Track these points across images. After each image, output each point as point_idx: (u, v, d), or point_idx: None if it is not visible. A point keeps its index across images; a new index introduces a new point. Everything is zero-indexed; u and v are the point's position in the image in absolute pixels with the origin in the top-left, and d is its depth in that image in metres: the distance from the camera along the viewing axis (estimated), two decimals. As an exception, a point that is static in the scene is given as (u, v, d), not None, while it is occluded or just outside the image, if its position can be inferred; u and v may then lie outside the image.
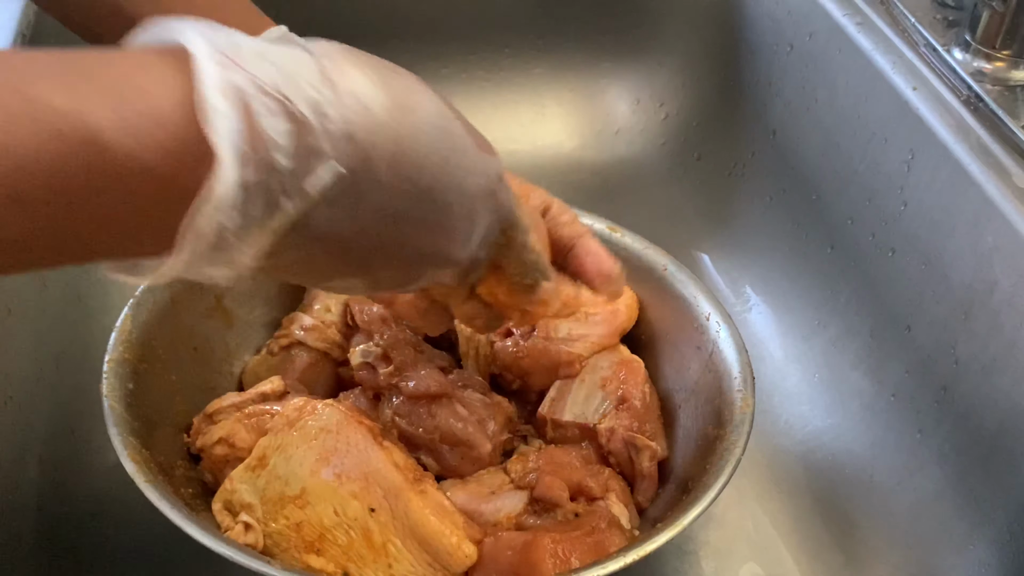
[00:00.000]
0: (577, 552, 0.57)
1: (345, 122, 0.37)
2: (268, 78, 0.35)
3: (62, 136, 0.32)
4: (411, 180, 0.40)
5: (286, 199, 0.36)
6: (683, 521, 0.55)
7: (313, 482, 0.57)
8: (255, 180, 0.35)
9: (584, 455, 0.65)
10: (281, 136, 0.35)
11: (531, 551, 0.57)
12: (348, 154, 0.37)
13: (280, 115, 0.35)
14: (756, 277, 0.86)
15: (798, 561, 0.69)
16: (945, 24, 0.76)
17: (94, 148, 0.32)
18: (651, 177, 0.97)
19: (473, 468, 0.64)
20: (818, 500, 0.73)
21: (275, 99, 0.35)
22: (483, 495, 0.62)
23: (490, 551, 0.58)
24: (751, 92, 0.90)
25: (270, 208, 0.36)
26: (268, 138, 0.35)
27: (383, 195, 0.39)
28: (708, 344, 0.67)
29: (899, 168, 0.71)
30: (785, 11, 0.85)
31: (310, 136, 0.36)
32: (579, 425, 0.66)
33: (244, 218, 0.35)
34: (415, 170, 0.40)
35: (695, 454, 0.64)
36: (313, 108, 0.36)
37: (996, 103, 0.68)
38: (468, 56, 0.98)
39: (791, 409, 0.78)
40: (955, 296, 0.65)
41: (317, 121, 0.36)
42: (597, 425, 0.65)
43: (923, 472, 0.67)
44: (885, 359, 0.72)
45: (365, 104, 0.38)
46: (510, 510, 0.61)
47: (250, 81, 0.35)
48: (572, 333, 0.70)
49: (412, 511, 0.57)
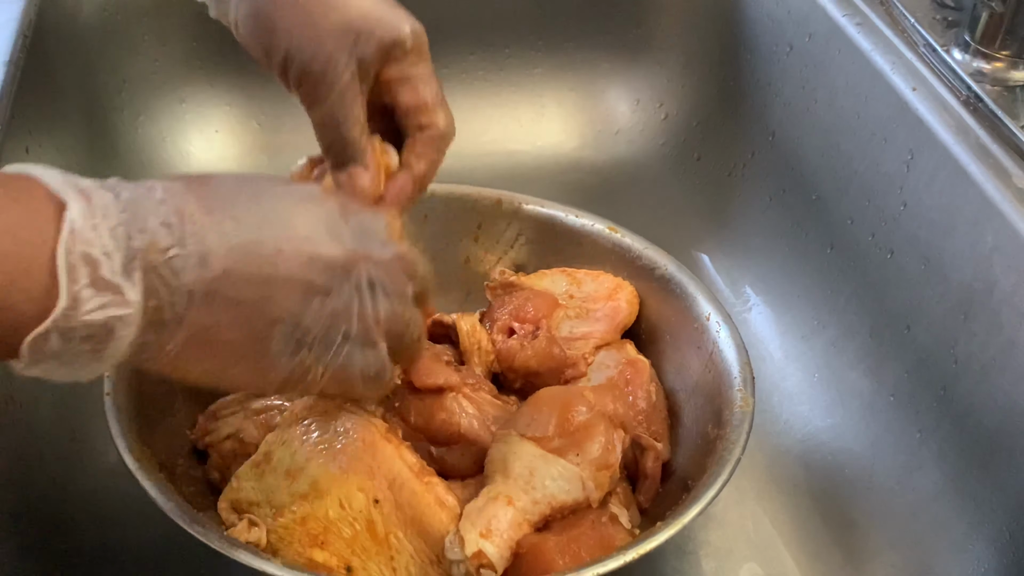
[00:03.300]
0: (584, 548, 0.58)
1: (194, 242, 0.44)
2: (113, 218, 0.42)
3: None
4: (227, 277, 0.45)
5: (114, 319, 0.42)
6: (683, 520, 0.56)
7: (320, 475, 0.58)
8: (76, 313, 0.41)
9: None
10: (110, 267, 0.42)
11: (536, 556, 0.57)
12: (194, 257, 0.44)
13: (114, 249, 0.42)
14: (756, 277, 0.86)
15: (798, 561, 0.69)
16: (945, 24, 0.76)
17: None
18: (651, 177, 0.97)
19: (477, 468, 0.64)
20: (818, 500, 0.73)
21: (109, 229, 0.42)
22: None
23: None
24: (751, 92, 0.90)
25: (105, 331, 0.42)
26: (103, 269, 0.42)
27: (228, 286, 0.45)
28: (708, 344, 0.67)
29: (899, 168, 0.71)
30: (785, 11, 0.85)
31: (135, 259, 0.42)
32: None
33: (86, 338, 0.42)
34: (232, 274, 0.45)
35: (695, 454, 0.64)
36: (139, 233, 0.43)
37: (996, 103, 0.68)
38: (468, 56, 0.98)
39: (791, 409, 0.78)
40: (955, 296, 0.65)
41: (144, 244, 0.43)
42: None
43: (923, 472, 0.67)
44: (885, 359, 0.72)
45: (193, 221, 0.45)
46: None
47: (97, 223, 0.42)
48: (575, 332, 0.70)
49: (416, 501, 0.57)
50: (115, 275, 0.41)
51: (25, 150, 0.74)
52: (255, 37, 0.57)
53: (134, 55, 0.90)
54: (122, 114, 0.90)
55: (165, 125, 0.92)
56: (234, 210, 0.46)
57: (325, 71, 0.56)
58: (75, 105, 0.85)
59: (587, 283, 0.73)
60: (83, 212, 0.41)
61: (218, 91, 0.94)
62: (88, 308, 0.41)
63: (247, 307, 0.46)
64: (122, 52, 0.89)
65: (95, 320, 0.41)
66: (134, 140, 0.91)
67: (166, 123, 0.92)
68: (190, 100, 0.93)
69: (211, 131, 0.94)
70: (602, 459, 0.60)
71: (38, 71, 0.77)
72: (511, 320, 0.70)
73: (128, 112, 0.91)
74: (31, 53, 0.75)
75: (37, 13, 0.78)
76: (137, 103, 0.91)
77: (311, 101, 0.57)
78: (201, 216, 0.45)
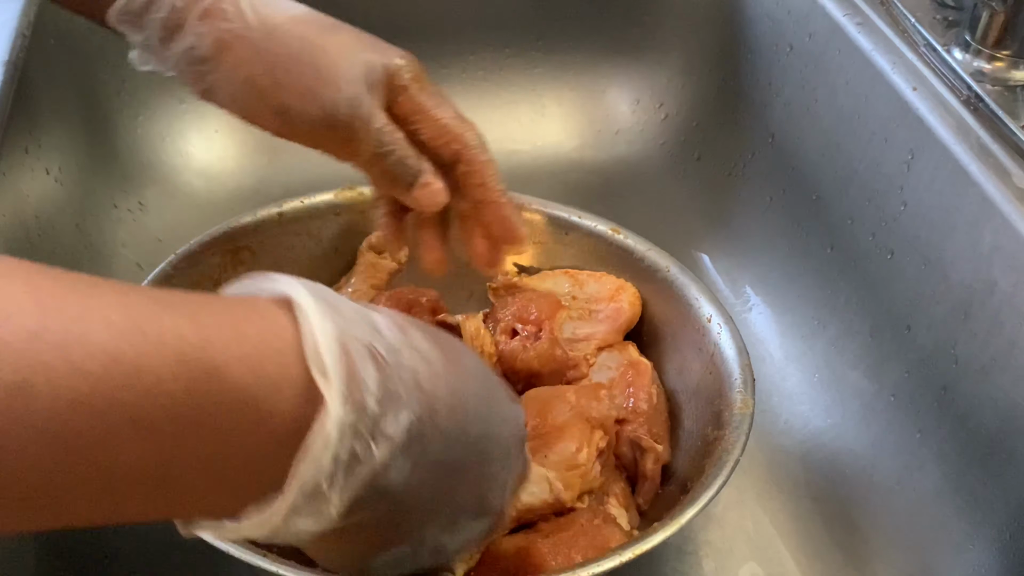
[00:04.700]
0: (576, 550, 0.57)
1: (414, 371, 0.38)
2: (359, 329, 0.37)
3: (187, 363, 0.32)
4: (464, 429, 0.41)
5: (373, 444, 0.36)
6: (679, 521, 0.55)
7: None
8: (351, 422, 0.35)
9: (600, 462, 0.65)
10: (372, 381, 0.36)
11: (527, 557, 0.57)
12: (417, 400, 0.38)
13: (369, 360, 0.36)
14: (756, 277, 0.86)
15: (798, 561, 0.69)
16: (945, 24, 0.76)
17: (215, 377, 0.32)
18: (651, 177, 0.97)
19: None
20: (818, 500, 0.73)
21: (366, 346, 0.36)
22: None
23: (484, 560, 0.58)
24: (751, 92, 0.90)
25: (359, 454, 0.36)
26: (362, 381, 0.36)
27: (442, 444, 0.40)
28: (709, 346, 0.67)
29: (899, 168, 0.71)
30: (785, 11, 0.85)
31: (390, 381, 0.37)
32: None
33: (337, 464, 0.35)
34: (467, 418, 0.41)
35: (694, 456, 0.64)
36: (392, 355, 0.37)
37: (996, 103, 0.68)
38: (468, 56, 0.98)
39: (791, 409, 0.78)
40: (955, 296, 0.65)
41: (395, 368, 0.37)
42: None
43: (923, 472, 0.67)
44: (885, 359, 0.72)
45: (425, 356, 0.39)
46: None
47: (348, 330, 0.36)
48: (577, 333, 0.70)
49: None
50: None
51: (25, 150, 0.74)
52: (256, 103, 0.56)
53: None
54: (122, 114, 0.90)
55: (165, 125, 0.92)
56: (468, 424, 0.42)
57: (355, 112, 0.55)
58: (75, 105, 0.85)
59: (590, 284, 0.73)
60: (342, 423, 0.35)
61: (218, 91, 0.94)
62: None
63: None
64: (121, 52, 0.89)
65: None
66: (134, 140, 0.91)
67: (166, 123, 0.92)
68: (190, 100, 0.92)
69: (211, 131, 0.94)
70: (571, 460, 0.60)
71: (38, 71, 0.77)
72: (514, 321, 0.70)
73: (128, 112, 0.91)
74: (31, 53, 0.75)
75: (37, 13, 0.77)
76: (137, 103, 0.91)
77: (350, 149, 0.56)
78: (444, 419, 0.40)
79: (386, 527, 0.40)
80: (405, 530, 0.41)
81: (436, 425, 0.39)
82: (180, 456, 0.33)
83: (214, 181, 0.93)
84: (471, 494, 0.43)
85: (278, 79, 0.55)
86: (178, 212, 0.89)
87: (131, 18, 0.56)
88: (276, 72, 0.55)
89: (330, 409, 0.34)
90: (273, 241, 0.73)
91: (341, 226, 0.75)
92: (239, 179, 0.93)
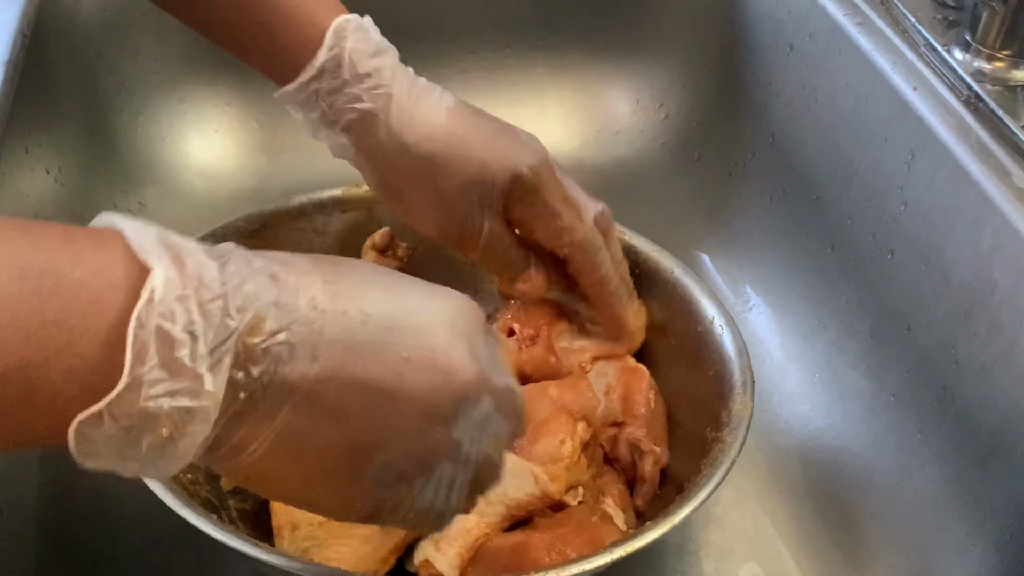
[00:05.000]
0: (571, 546, 0.58)
1: (266, 268, 0.38)
2: (197, 244, 0.38)
3: (26, 270, 0.33)
4: (362, 308, 0.39)
5: (226, 317, 0.36)
6: (674, 519, 0.55)
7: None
8: (185, 292, 0.35)
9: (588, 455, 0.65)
10: (209, 266, 0.37)
11: (523, 553, 0.57)
12: (276, 287, 0.38)
13: (204, 254, 0.37)
14: (756, 277, 0.86)
15: (798, 561, 0.69)
16: (945, 24, 0.76)
17: (49, 273, 0.34)
18: (651, 177, 0.97)
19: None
20: (818, 500, 0.73)
21: (200, 249, 0.37)
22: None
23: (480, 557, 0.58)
24: (751, 92, 0.90)
25: (212, 321, 0.36)
26: (198, 263, 0.36)
27: (339, 326, 0.38)
28: (711, 347, 0.67)
29: (899, 168, 0.71)
30: (785, 11, 0.85)
31: (229, 267, 0.37)
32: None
33: (189, 332, 0.35)
34: (363, 301, 0.40)
35: (692, 457, 0.64)
36: (234, 254, 0.38)
37: (996, 103, 0.68)
38: (468, 56, 0.98)
39: (791, 409, 0.78)
40: (955, 296, 0.65)
41: (240, 259, 0.38)
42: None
43: (923, 472, 0.67)
44: (885, 359, 0.72)
45: (281, 259, 0.39)
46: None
47: (181, 240, 0.37)
48: (573, 345, 0.70)
49: None
50: (196, 359, 0.35)
51: (25, 150, 0.74)
52: (387, 199, 0.64)
53: (133, 55, 0.90)
54: (121, 114, 0.90)
55: (164, 125, 0.92)
56: (364, 302, 0.39)
57: (465, 231, 0.61)
58: (74, 105, 0.85)
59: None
60: (170, 281, 0.35)
61: (218, 91, 0.94)
62: (152, 394, 0.34)
63: (353, 420, 0.39)
64: (121, 52, 0.89)
65: (158, 409, 0.34)
66: (133, 140, 0.91)
67: (165, 123, 0.92)
68: (190, 100, 0.93)
69: (210, 131, 0.94)
70: (555, 453, 0.61)
71: (37, 71, 0.77)
72: (512, 321, 0.70)
73: (127, 112, 0.91)
74: (30, 53, 0.75)
75: (36, 13, 0.77)
76: (136, 103, 0.91)
77: (463, 253, 0.64)
78: (324, 301, 0.38)
79: (328, 445, 0.39)
80: (358, 453, 0.40)
81: (316, 307, 0.38)
82: (35, 356, 0.33)
83: (214, 181, 0.93)
84: (422, 404, 0.40)
85: (402, 199, 0.62)
86: (178, 212, 0.89)
87: (293, 105, 0.62)
88: (402, 193, 0.62)
89: (155, 272, 0.35)
90: (278, 235, 0.73)
91: (347, 222, 0.75)
92: (239, 179, 0.93)
